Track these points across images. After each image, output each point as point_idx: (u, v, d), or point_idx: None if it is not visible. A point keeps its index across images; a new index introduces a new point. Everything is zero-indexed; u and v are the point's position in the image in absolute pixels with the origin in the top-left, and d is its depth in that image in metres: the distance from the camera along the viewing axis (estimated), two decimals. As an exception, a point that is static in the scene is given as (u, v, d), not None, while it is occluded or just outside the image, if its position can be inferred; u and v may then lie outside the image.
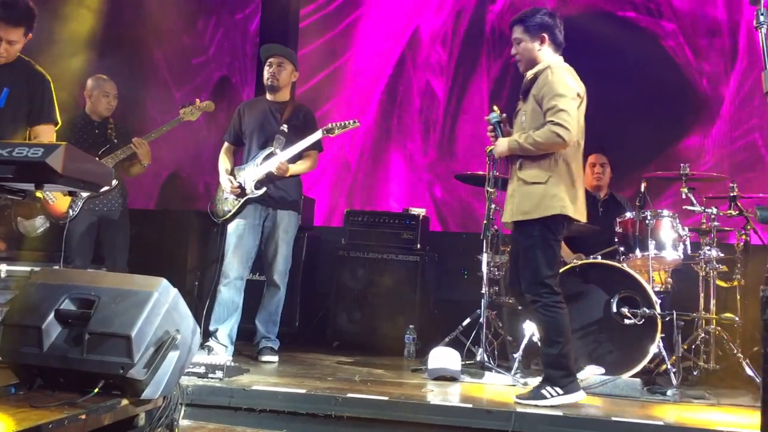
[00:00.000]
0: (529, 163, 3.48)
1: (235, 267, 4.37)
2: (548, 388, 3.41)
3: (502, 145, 3.55)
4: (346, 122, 4.47)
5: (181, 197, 6.55)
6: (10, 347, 2.78)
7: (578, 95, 3.48)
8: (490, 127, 3.70)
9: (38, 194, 4.13)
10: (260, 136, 4.49)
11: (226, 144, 4.68)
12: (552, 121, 3.34)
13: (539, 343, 3.61)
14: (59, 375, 2.73)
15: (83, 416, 2.49)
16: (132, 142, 4.63)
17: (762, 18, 2.16)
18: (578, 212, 3.51)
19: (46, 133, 3.52)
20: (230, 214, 4.44)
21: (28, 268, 4.27)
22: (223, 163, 4.59)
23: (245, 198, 4.41)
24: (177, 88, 6.26)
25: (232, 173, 4.52)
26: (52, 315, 2.74)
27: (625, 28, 6.21)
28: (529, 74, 3.52)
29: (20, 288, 2.99)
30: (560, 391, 3.41)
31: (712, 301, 4.41)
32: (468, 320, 4.69)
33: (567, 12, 6.25)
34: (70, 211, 4.54)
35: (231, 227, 4.45)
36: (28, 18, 3.40)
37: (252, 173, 4.42)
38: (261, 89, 4.95)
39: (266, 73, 4.56)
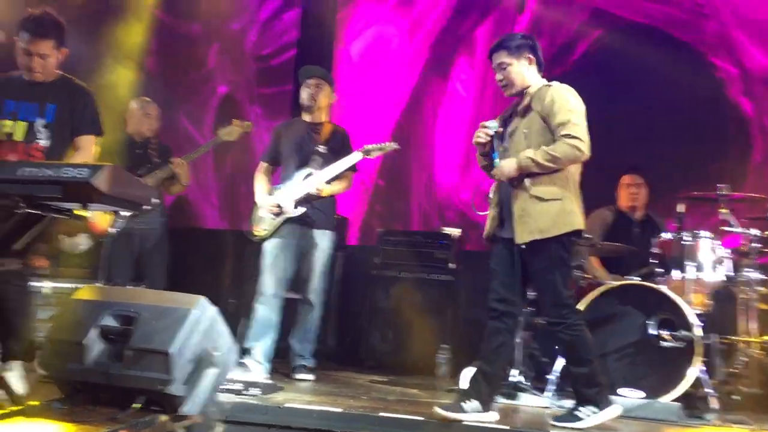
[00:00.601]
0: (544, 180, 3.39)
1: (271, 285, 4.42)
2: (583, 408, 3.38)
3: (509, 165, 3.39)
4: (384, 144, 4.52)
5: (218, 216, 6.65)
6: (54, 362, 2.86)
7: (583, 114, 3.48)
8: (484, 135, 3.49)
9: (83, 213, 4.24)
10: (297, 156, 4.55)
11: (263, 164, 4.73)
12: (568, 134, 3.32)
13: (567, 365, 3.56)
14: (100, 390, 2.80)
15: (123, 431, 2.54)
16: (171, 162, 4.72)
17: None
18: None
19: (88, 144, 3.56)
20: (268, 233, 4.49)
21: (70, 285, 4.39)
22: (260, 182, 4.65)
23: (283, 218, 4.46)
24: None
25: (269, 193, 4.58)
26: (94, 331, 2.81)
27: (664, 44, 6.14)
28: (532, 90, 3.47)
29: (63, 304, 3.06)
30: (595, 410, 3.36)
31: (754, 324, 4.32)
32: (502, 340, 4.64)
33: (600, 27, 6.23)
34: (111, 229, 4.65)
35: (268, 246, 4.50)
36: (56, 30, 3.44)
37: (289, 193, 4.47)
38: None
39: (304, 93, 4.62)
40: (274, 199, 4.50)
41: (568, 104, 3.39)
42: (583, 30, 6.30)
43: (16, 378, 3.23)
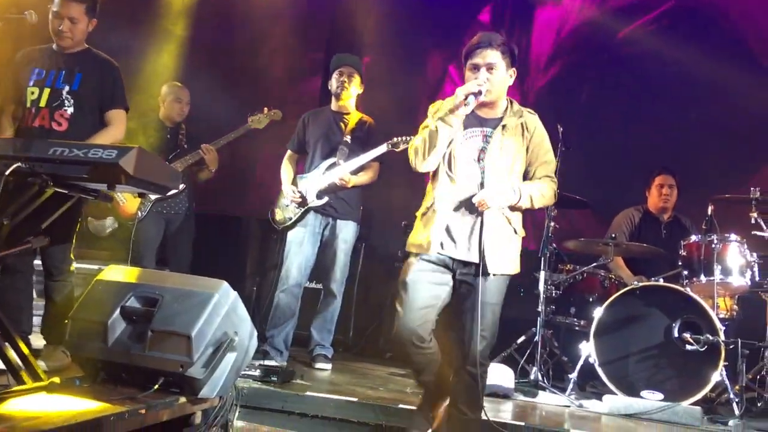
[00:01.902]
0: (518, 215, 3.03)
1: (293, 274, 4.43)
2: None
3: (506, 197, 2.91)
4: (413, 137, 4.48)
5: (244, 204, 6.68)
6: (77, 341, 2.90)
7: None
8: (467, 94, 2.87)
9: (112, 195, 4.28)
10: (324, 146, 4.55)
11: (289, 152, 4.73)
12: (553, 178, 3.06)
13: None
14: (122, 370, 2.83)
15: (143, 411, 2.57)
16: (200, 148, 4.76)
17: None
18: None
19: (118, 118, 3.59)
20: (291, 222, 4.51)
21: (96, 267, 4.45)
22: (287, 171, 4.66)
23: (307, 207, 4.48)
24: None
25: (294, 182, 4.60)
26: (117, 312, 2.85)
27: (702, 43, 6.00)
28: (515, 108, 3.04)
29: (88, 285, 3.10)
30: None
31: (780, 331, 4.24)
32: (523, 338, 4.64)
33: (637, 25, 6.13)
34: (139, 212, 4.70)
35: (291, 235, 4.51)
36: None
37: (314, 182, 4.48)
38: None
39: (335, 81, 4.60)
40: (297, 188, 4.52)
41: (551, 153, 3.11)
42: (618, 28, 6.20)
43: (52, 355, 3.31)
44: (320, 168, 4.50)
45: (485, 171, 2.93)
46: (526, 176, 3.05)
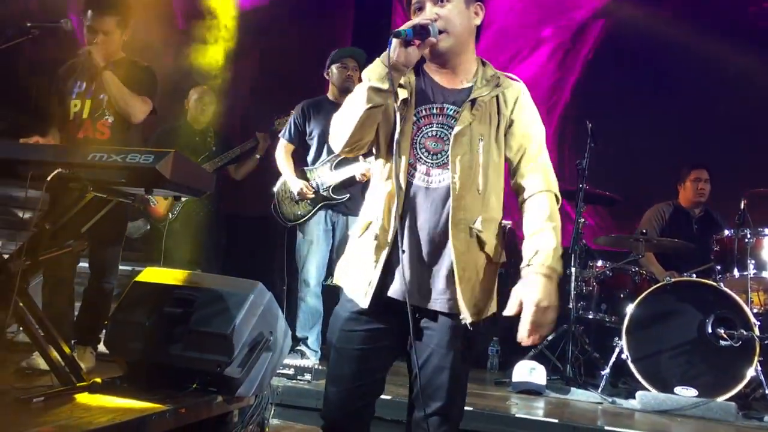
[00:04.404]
0: (493, 228, 2.05)
1: (314, 275, 4.35)
2: None
3: (549, 291, 1.97)
4: None
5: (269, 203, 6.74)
6: (117, 342, 2.96)
7: None
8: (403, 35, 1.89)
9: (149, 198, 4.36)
10: (330, 139, 4.47)
11: (286, 143, 4.48)
12: (555, 192, 2.08)
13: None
14: (161, 370, 2.88)
15: (183, 410, 2.62)
16: (256, 134, 4.94)
17: None
18: None
19: (141, 100, 3.55)
20: (304, 218, 4.38)
21: (129, 268, 4.52)
22: (288, 163, 4.46)
23: (323, 203, 4.36)
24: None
25: (299, 175, 4.43)
26: (156, 313, 2.90)
27: (733, 33, 5.92)
28: (490, 72, 2.10)
29: (124, 286, 3.16)
30: None
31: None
32: (553, 335, 4.63)
33: (663, 17, 6.06)
34: (170, 214, 4.78)
35: (305, 232, 4.39)
36: (117, 6, 3.53)
37: (327, 177, 4.35)
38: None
39: (342, 74, 4.41)
40: (306, 182, 4.34)
41: (543, 134, 2.13)
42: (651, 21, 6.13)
43: (81, 356, 3.37)
44: (329, 162, 4.36)
45: (450, 173, 1.98)
46: (515, 181, 2.09)
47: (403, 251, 1.97)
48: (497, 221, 2.05)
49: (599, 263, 4.78)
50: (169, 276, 3.05)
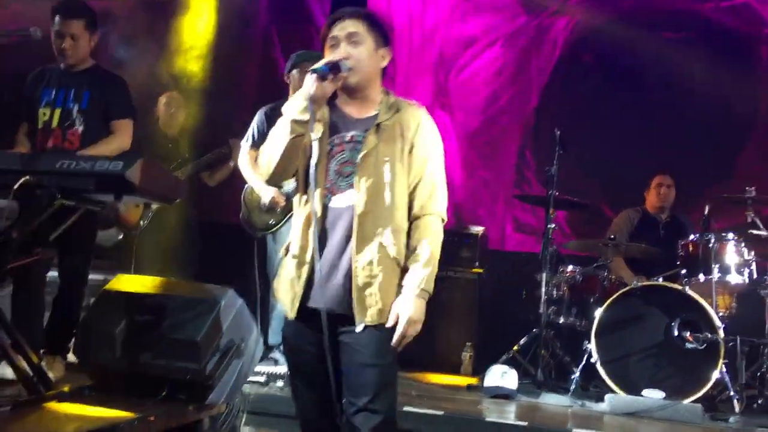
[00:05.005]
0: (400, 230, 2.23)
1: None
2: None
3: (420, 308, 2.17)
4: None
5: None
6: (86, 350, 2.94)
7: None
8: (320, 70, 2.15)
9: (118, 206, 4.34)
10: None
11: (250, 150, 4.28)
12: (441, 216, 2.27)
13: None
14: (130, 378, 2.86)
15: (152, 418, 2.61)
16: (230, 141, 4.81)
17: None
18: None
19: (123, 127, 3.62)
20: (275, 227, 4.29)
21: (101, 277, 4.49)
22: (255, 171, 4.23)
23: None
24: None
25: None
26: (125, 320, 2.88)
27: (699, 45, 6.05)
28: (391, 99, 2.30)
29: (95, 295, 3.15)
30: None
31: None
32: (525, 339, 4.68)
33: (628, 24, 6.17)
34: (142, 222, 4.75)
35: (278, 241, 4.30)
36: (85, 11, 3.55)
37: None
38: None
39: (302, 78, 4.32)
40: (278, 190, 4.19)
41: (440, 158, 2.32)
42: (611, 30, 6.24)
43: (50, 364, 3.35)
44: None
45: (357, 196, 2.19)
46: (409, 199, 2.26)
47: (319, 267, 2.19)
48: (404, 231, 2.25)
49: (570, 268, 4.85)
50: (140, 283, 3.05)
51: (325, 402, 2.22)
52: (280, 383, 3.63)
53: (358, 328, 2.17)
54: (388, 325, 2.17)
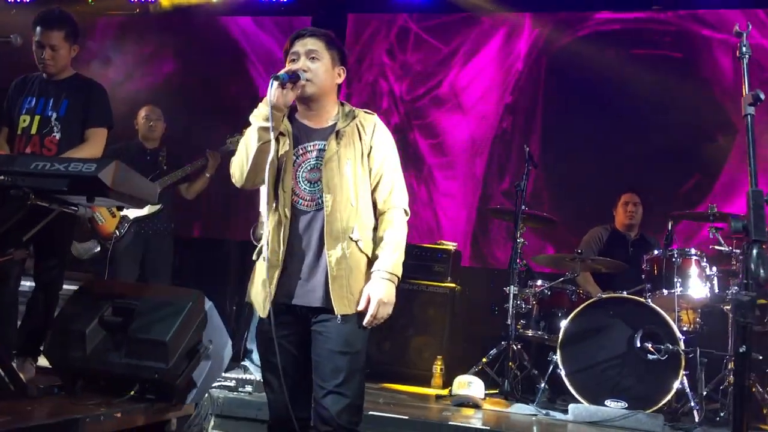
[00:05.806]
0: (369, 238, 2.49)
1: None
2: None
3: (389, 291, 2.40)
4: None
5: (228, 227, 6.82)
6: (57, 350, 3.00)
7: None
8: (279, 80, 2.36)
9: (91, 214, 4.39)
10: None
11: None
12: (404, 208, 2.53)
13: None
14: (100, 377, 2.93)
15: (118, 414, 2.68)
16: (207, 153, 4.96)
17: (744, 49, 2.34)
18: None
19: (97, 135, 3.66)
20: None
21: (76, 287, 4.53)
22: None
23: None
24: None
25: None
26: (95, 321, 2.95)
27: (658, 64, 6.22)
28: (347, 108, 2.55)
29: (67, 297, 3.20)
30: None
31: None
32: (494, 351, 4.76)
33: (596, 41, 6.34)
34: (117, 231, 4.81)
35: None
36: (64, 21, 3.62)
37: None
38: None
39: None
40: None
41: (396, 157, 2.59)
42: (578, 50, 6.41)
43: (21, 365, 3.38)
44: None
45: (324, 197, 2.42)
46: (373, 196, 2.52)
47: (288, 267, 2.41)
48: (370, 227, 2.50)
49: (538, 282, 4.96)
50: (110, 286, 3.12)
51: (296, 395, 2.40)
52: (249, 388, 3.69)
53: (338, 319, 2.35)
54: (360, 308, 2.38)
